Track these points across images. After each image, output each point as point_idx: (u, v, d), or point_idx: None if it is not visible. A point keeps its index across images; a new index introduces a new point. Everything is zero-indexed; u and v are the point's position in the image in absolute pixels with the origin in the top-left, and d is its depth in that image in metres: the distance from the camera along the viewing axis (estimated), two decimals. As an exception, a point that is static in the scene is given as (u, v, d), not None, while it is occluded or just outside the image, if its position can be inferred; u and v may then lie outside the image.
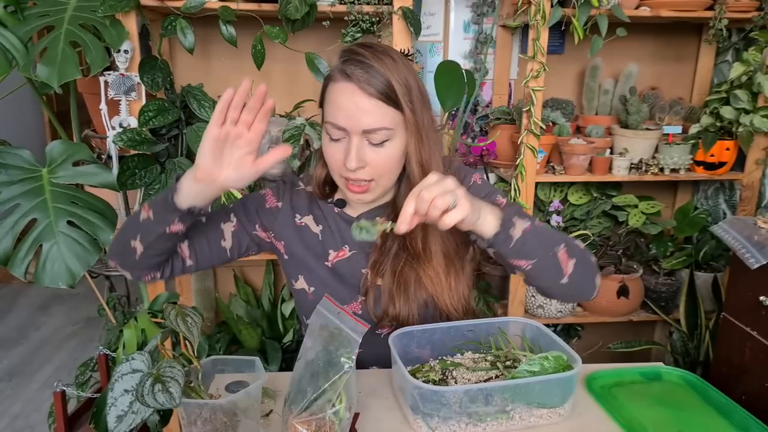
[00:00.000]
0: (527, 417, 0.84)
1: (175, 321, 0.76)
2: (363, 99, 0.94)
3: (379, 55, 0.97)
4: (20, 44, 1.33)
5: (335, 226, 1.11)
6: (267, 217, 1.12)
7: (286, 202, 1.13)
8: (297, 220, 1.12)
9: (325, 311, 0.78)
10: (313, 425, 0.74)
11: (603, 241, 2.08)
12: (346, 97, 0.95)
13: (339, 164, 0.98)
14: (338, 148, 0.98)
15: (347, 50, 0.99)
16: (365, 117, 0.95)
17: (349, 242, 1.10)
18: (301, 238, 1.11)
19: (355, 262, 1.09)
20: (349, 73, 0.94)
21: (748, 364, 1.51)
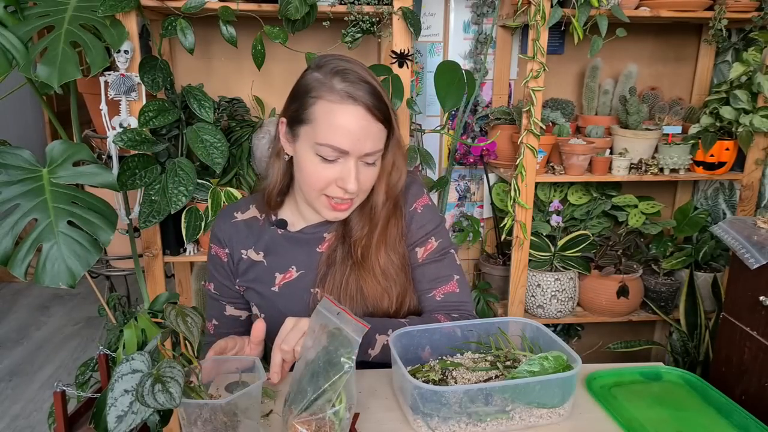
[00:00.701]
0: (527, 417, 0.84)
1: (176, 321, 0.76)
2: (371, 124, 0.94)
3: (372, 76, 0.97)
4: (20, 44, 1.33)
5: (280, 248, 1.10)
6: (231, 271, 1.13)
7: (229, 244, 1.12)
8: (243, 256, 1.12)
9: (325, 311, 0.78)
10: (313, 425, 0.74)
11: (603, 241, 2.08)
12: (353, 121, 0.93)
13: (326, 185, 0.98)
14: (331, 169, 0.96)
15: (341, 68, 0.96)
16: (370, 141, 0.95)
17: (295, 262, 1.09)
18: (247, 273, 1.12)
19: (302, 283, 1.09)
20: (358, 97, 0.93)
21: (748, 363, 1.51)
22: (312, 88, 0.96)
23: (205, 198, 1.67)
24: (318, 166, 0.97)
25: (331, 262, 1.07)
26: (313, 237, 1.10)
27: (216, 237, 1.14)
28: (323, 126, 0.94)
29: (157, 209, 1.57)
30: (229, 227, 1.13)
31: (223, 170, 1.71)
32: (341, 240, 1.08)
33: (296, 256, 1.09)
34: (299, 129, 0.98)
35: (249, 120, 1.88)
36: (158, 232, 1.71)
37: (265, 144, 1.77)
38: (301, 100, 0.98)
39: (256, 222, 1.13)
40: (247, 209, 1.15)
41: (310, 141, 0.96)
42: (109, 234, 1.22)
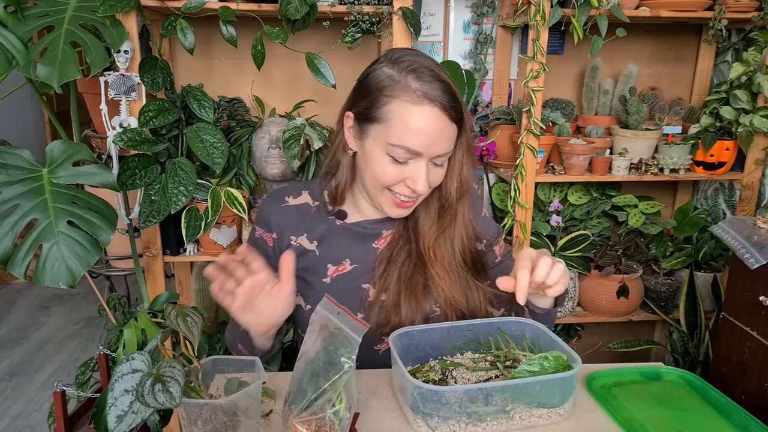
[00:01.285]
0: (527, 417, 0.84)
1: (176, 321, 0.76)
2: (446, 124, 0.92)
3: (446, 75, 0.93)
4: (20, 44, 1.33)
5: (335, 239, 1.07)
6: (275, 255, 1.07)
7: (278, 228, 1.09)
8: (292, 242, 1.08)
9: (325, 311, 0.78)
10: (313, 425, 0.74)
11: (603, 241, 2.08)
12: (429, 123, 0.90)
13: (393, 183, 0.96)
14: (401, 169, 0.94)
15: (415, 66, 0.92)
16: (444, 142, 0.93)
17: (349, 255, 1.07)
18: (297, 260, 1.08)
19: (355, 277, 1.06)
20: (434, 97, 0.90)
21: (748, 363, 1.51)
22: (385, 86, 0.93)
23: (205, 198, 1.67)
24: (388, 165, 0.94)
25: (392, 259, 1.05)
26: (370, 232, 1.08)
27: (263, 220, 1.10)
28: (398, 127, 0.91)
29: (157, 209, 1.57)
30: (279, 211, 1.10)
31: (223, 170, 1.71)
32: (405, 237, 1.06)
33: (351, 249, 1.07)
34: (369, 127, 0.96)
35: (249, 120, 1.88)
36: (158, 232, 1.71)
37: (265, 144, 1.77)
38: (372, 98, 0.94)
39: (308, 209, 1.10)
40: (299, 195, 1.11)
41: (382, 141, 0.93)
42: (109, 234, 1.22)
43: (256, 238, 1.11)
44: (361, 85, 1.00)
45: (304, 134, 1.72)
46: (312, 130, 1.74)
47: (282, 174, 1.80)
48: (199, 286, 2.03)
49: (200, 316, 0.79)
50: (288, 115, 1.89)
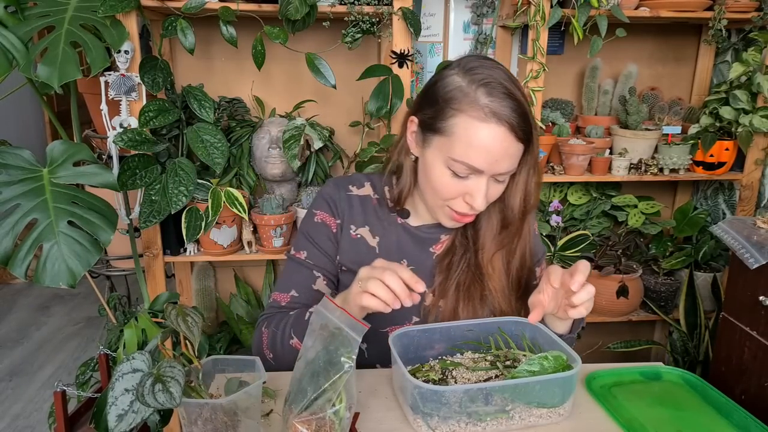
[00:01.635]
0: (527, 417, 0.84)
1: (176, 321, 0.76)
2: (512, 144, 0.88)
3: (519, 92, 0.89)
4: (21, 44, 1.33)
5: (395, 237, 1.06)
6: (336, 242, 1.06)
7: (342, 215, 1.07)
8: (352, 231, 1.06)
9: (325, 311, 0.78)
10: (314, 425, 0.74)
11: (603, 241, 2.08)
12: (494, 142, 0.87)
13: (452, 196, 0.94)
14: (461, 184, 0.92)
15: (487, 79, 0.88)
16: (507, 161, 0.90)
17: (407, 255, 1.05)
18: (356, 252, 1.06)
19: None
20: (503, 116, 0.86)
21: (748, 363, 1.51)
22: (453, 98, 0.89)
23: (205, 198, 1.67)
24: (447, 179, 0.92)
25: (451, 267, 1.03)
26: (429, 236, 1.06)
27: (327, 204, 1.07)
28: (461, 143, 0.88)
29: (157, 209, 1.57)
30: (344, 197, 1.07)
31: (223, 170, 1.71)
32: (464, 246, 1.04)
33: (410, 251, 1.05)
34: (432, 137, 0.93)
35: (249, 120, 1.88)
36: (158, 232, 1.71)
37: (265, 144, 1.77)
38: (439, 107, 0.91)
39: (370, 201, 1.08)
40: (362, 186, 1.09)
41: (444, 154, 0.91)
42: (110, 234, 1.22)
43: (316, 222, 1.07)
44: (428, 91, 0.96)
45: (305, 134, 1.72)
46: (312, 130, 1.74)
47: (282, 174, 1.80)
48: (200, 286, 2.04)
49: (200, 316, 0.79)
50: (288, 115, 1.90)
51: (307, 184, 1.85)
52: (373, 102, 1.69)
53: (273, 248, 1.77)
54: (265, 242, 1.78)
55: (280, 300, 1.07)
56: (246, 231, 1.77)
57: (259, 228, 1.77)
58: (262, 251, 1.79)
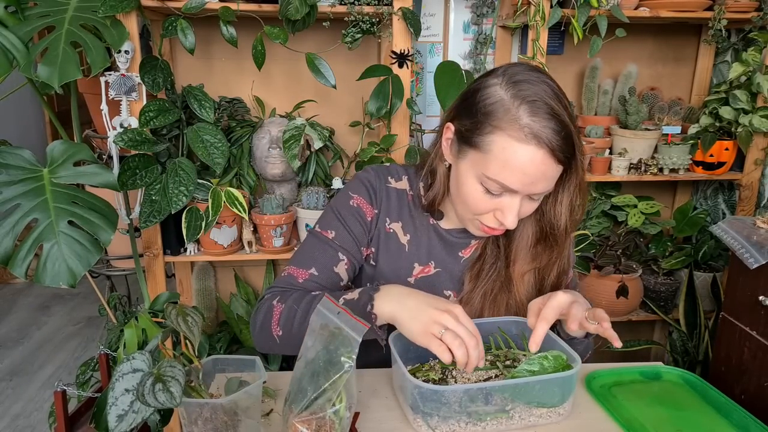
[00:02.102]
0: (527, 416, 0.84)
1: (176, 320, 0.76)
2: (551, 167, 0.84)
3: (563, 101, 0.86)
4: (21, 44, 1.33)
5: (425, 238, 1.03)
6: (370, 230, 1.04)
7: (380, 206, 1.04)
8: (386, 225, 1.03)
9: (325, 311, 0.78)
10: (314, 424, 0.74)
11: (602, 241, 2.09)
12: (532, 165, 0.83)
13: (482, 212, 0.91)
14: (492, 201, 0.89)
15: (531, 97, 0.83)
16: (544, 183, 0.86)
17: (435, 257, 1.04)
18: (387, 247, 1.03)
19: (438, 281, 1.03)
20: (543, 138, 0.82)
21: (747, 363, 1.51)
22: (493, 114, 0.85)
23: (205, 198, 1.68)
24: (479, 194, 0.89)
25: (480, 276, 1.02)
26: (459, 241, 1.04)
27: (367, 190, 1.03)
28: (497, 162, 0.84)
29: (157, 209, 1.57)
30: (383, 189, 1.04)
31: (223, 170, 1.71)
32: (495, 254, 1.02)
33: (438, 253, 1.04)
34: (468, 150, 0.89)
35: (249, 120, 1.88)
36: (159, 231, 1.71)
37: (266, 144, 1.77)
38: (477, 120, 0.87)
39: (405, 196, 1.05)
40: (400, 179, 1.06)
41: (478, 169, 0.87)
42: (110, 234, 1.22)
43: (351, 206, 1.03)
44: (467, 99, 0.91)
45: (305, 134, 1.72)
46: (312, 130, 1.74)
47: (282, 174, 1.80)
48: (200, 286, 2.04)
49: (200, 316, 0.79)
50: (288, 115, 1.90)
51: (307, 184, 1.85)
52: (373, 102, 1.69)
53: (273, 248, 1.77)
54: (265, 242, 1.78)
55: (297, 276, 1.00)
56: (246, 231, 1.77)
57: (259, 228, 1.77)
58: (262, 251, 1.79)
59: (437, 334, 0.80)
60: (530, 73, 0.87)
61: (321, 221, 1.05)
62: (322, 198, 1.75)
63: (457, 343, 0.79)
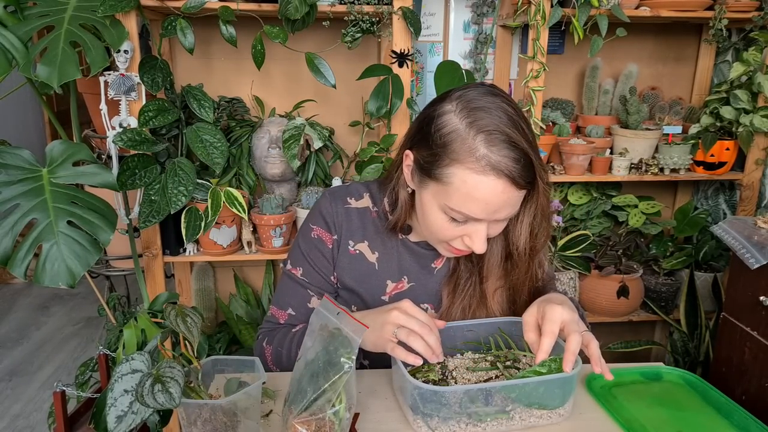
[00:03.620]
0: (527, 417, 0.84)
1: (175, 321, 0.75)
2: (513, 195, 0.83)
3: (520, 125, 0.83)
4: (20, 44, 1.33)
5: (395, 254, 1.02)
6: (333, 257, 1.03)
7: (339, 230, 1.03)
8: (350, 248, 1.02)
9: (325, 311, 0.78)
10: (313, 425, 0.74)
11: (603, 241, 2.08)
12: (495, 196, 0.82)
13: (449, 238, 0.90)
14: (458, 228, 0.88)
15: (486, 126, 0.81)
16: (509, 209, 0.86)
17: (408, 273, 1.03)
18: (353, 269, 1.03)
19: (413, 296, 1.01)
20: (503, 168, 0.80)
21: (748, 364, 1.51)
22: (449, 144, 0.83)
23: (204, 198, 1.67)
24: (444, 222, 0.88)
25: (456, 291, 1.01)
26: (429, 253, 1.03)
27: (324, 219, 1.03)
28: (459, 194, 0.83)
29: (156, 209, 1.57)
30: (341, 212, 1.03)
31: (222, 170, 1.71)
32: (469, 269, 1.01)
33: (410, 267, 1.03)
34: (428, 181, 0.88)
35: (249, 120, 1.88)
36: (158, 232, 1.71)
37: (265, 144, 1.77)
38: (434, 152, 0.85)
39: (369, 214, 1.03)
40: (361, 198, 1.05)
41: (440, 200, 0.87)
42: (109, 234, 1.22)
43: (312, 238, 1.04)
44: (423, 127, 0.89)
45: (304, 134, 1.72)
46: (312, 130, 1.74)
47: (282, 174, 1.80)
48: (199, 286, 2.04)
49: (200, 317, 0.79)
50: (288, 115, 1.89)
51: (306, 184, 1.84)
52: (373, 102, 1.69)
53: (273, 248, 1.77)
54: (265, 242, 1.77)
55: (278, 317, 1.06)
56: (245, 231, 1.77)
57: (258, 228, 1.77)
58: (261, 251, 1.79)
59: (392, 337, 0.83)
60: (485, 98, 0.84)
61: (290, 257, 1.07)
62: (322, 198, 1.75)
63: (412, 338, 0.82)
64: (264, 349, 1.04)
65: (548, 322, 0.85)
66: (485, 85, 0.88)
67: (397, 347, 0.83)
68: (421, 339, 0.82)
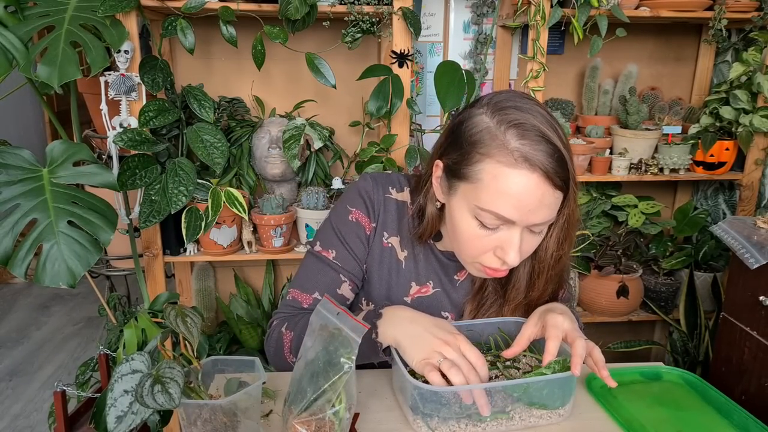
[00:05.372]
0: (527, 417, 0.84)
1: (175, 321, 0.76)
2: (549, 193, 0.79)
3: (555, 125, 0.80)
4: (20, 44, 1.33)
5: (423, 257, 0.99)
6: (368, 245, 0.99)
7: (378, 218, 0.99)
8: (384, 239, 0.98)
9: (325, 311, 0.78)
10: (313, 425, 0.74)
11: (603, 241, 2.08)
12: (527, 191, 0.77)
13: (482, 253, 0.85)
14: (491, 237, 0.83)
15: (519, 120, 0.78)
16: (543, 211, 0.80)
17: (433, 278, 1.00)
18: (383, 262, 0.99)
19: (436, 302, 1.00)
20: (536, 161, 0.77)
21: (748, 363, 1.51)
22: (480, 141, 0.80)
23: (205, 198, 1.67)
24: (475, 231, 0.83)
25: (480, 308, 0.99)
26: (452, 264, 1.01)
27: (365, 203, 0.98)
28: (489, 191, 0.79)
29: (157, 209, 1.57)
30: (383, 200, 0.99)
31: (223, 170, 1.71)
32: (493, 286, 0.99)
33: (435, 274, 1.00)
34: (458, 184, 0.84)
35: (249, 120, 1.88)
36: (158, 232, 1.71)
37: (265, 144, 1.77)
38: (464, 152, 0.82)
39: (406, 210, 0.99)
40: (402, 190, 1.00)
41: (470, 202, 0.82)
42: (110, 234, 1.22)
43: (350, 221, 0.98)
44: (453, 131, 0.87)
45: (305, 134, 1.72)
46: (312, 130, 1.74)
47: (282, 174, 1.80)
48: (199, 286, 2.04)
49: (200, 317, 0.79)
50: (288, 115, 1.90)
51: (307, 184, 1.84)
52: (373, 102, 1.69)
53: (273, 248, 1.77)
54: (265, 242, 1.78)
55: (302, 301, 0.99)
56: (246, 231, 1.77)
57: (259, 228, 1.77)
58: (262, 251, 1.79)
59: (436, 364, 0.78)
60: (517, 98, 0.82)
61: (321, 238, 1.01)
62: (322, 198, 1.75)
63: (453, 371, 0.76)
64: (283, 335, 0.95)
65: (552, 327, 0.85)
66: (517, 91, 0.87)
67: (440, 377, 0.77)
68: (461, 375, 0.77)
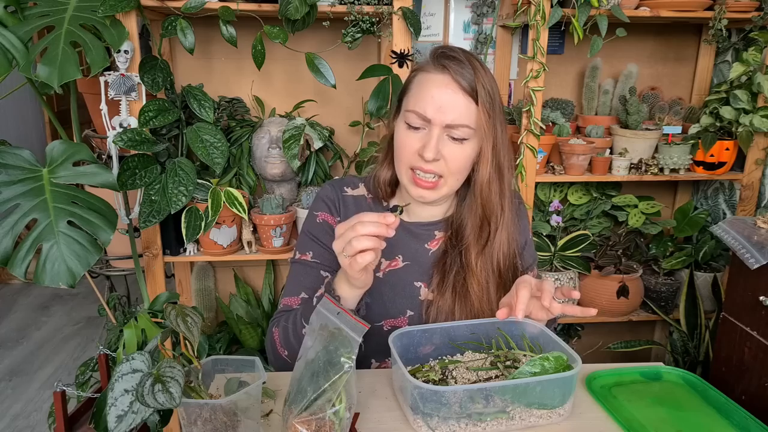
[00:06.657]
0: (527, 417, 0.84)
1: (175, 321, 0.76)
2: (456, 92, 0.96)
3: (471, 57, 0.99)
4: (20, 44, 1.33)
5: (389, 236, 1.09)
6: None
7: (340, 214, 1.11)
8: None
9: (325, 311, 0.78)
10: (313, 425, 0.74)
11: (603, 241, 2.08)
12: (439, 89, 0.96)
13: (411, 154, 0.99)
14: (415, 137, 0.99)
15: (440, 47, 1.01)
16: (453, 111, 0.96)
17: (402, 252, 1.08)
18: None
19: (407, 274, 1.07)
20: (445, 65, 0.96)
21: (748, 363, 1.51)
22: (417, 66, 1.02)
23: (205, 198, 1.67)
24: (405, 133, 1.00)
25: (446, 269, 1.06)
26: (424, 233, 1.10)
27: (326, 204, 1.12)
28: (414, 93, 0.99)
29: (157, 209, 1.57)
30: (341, 198, 1.12)
31: (223, 170, 1.71)
32: (453, 244, 1.07)
33: (404, 247, 1.09)
34: (400, 104, 1.03)
35: (249, 120, 1.88)
36: (158, 231, 1.71)
37: (265, 144, 1.77)
38: (408, 78, 1.04)
39: (364, 201, 1.12)
40: (356, 187, 1.14)
41: (403, 112, 1.01)
42: (109, 234, 1.22)
43: (318, 222, 1.11)
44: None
45: (304, 134, 1.72)
46: (312, 130, 1.74)
47: (282, 174, 1.80)
48: (199, 286, 2.04)
49: (200, 316, 0.79)
50: (288, 115, 1.90)
51: (307, 184, 1.84)
52: (373, 102, 1.69)
53: (273, 248, 1.77)
54: (265, 242, 1.78)
55: (291, 304, 1.08)
56: (246, 231, 1.77)
57: (258, 228, 1.77)
58: (261, 251, 1.79)
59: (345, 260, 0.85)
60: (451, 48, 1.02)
61: (298, 247, 1.12)
62: (322, 198, 1.75)
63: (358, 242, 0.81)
64: (273, 334, 1.05)
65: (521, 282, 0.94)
66: None
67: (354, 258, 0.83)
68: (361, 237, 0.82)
